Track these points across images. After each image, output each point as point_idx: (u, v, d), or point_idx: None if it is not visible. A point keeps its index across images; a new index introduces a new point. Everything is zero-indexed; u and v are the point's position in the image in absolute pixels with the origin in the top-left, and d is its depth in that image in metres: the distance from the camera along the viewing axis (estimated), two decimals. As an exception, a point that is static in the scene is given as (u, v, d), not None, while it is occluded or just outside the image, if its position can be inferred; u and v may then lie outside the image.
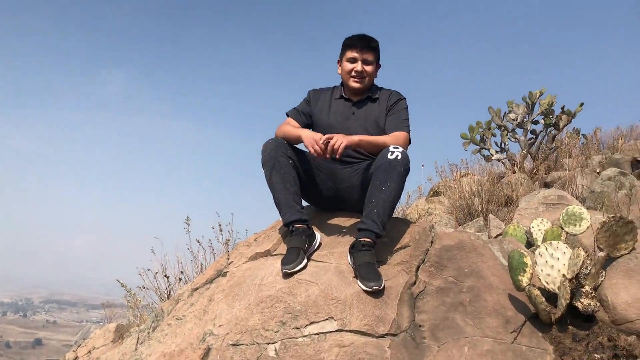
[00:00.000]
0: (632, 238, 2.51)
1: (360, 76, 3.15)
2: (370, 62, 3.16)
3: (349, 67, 3.15)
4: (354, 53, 3.14)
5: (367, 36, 3.17)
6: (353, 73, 3.15)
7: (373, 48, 3.17)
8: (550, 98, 7.91)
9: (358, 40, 3.15)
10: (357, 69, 3.13)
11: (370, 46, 3.15)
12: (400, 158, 2.76)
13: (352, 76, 3.16)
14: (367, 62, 3.15)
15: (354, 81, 3.16)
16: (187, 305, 2.98)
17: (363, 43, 3.14)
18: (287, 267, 2.69)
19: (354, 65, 3.14)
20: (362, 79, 3.16)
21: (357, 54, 3.14)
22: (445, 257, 2.84)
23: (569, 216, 3.12)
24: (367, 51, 3.14)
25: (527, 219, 4.30)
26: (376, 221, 2.71)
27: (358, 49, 3.14)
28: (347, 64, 3.17)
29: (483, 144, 8.39)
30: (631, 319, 2.34)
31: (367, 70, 3.15)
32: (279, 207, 2.91)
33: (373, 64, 3.18)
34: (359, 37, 3.16)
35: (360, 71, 3.14)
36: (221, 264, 3.22)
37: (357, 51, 3.14)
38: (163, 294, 4.50)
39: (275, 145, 2.94)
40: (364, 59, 3.14)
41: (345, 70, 3.17)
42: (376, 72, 3.25)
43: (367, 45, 3.14)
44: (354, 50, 3.14)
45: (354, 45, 3.14)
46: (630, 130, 9.71)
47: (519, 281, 2.44)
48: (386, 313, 2.45)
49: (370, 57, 3.16)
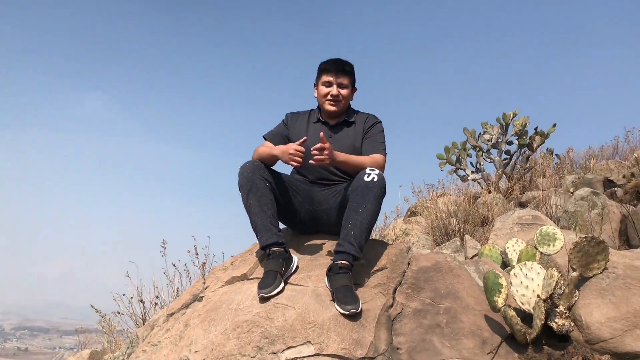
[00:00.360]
0: (604, 257, 2.55)
1: (335, 99, 3.19)
2: (345, 85, 3.21)
3: (325, 91, 3.20)
4: (329, 77, 3.19)
5: (342, 60, 3.22)
6: (329, 97, 3.19)
7: (347, 72, 3.22)
8: (524, 119, 8.07)
9: (333, 64, 3.20)
10: (332, 92, 3.18)
11: (344, 70, 3.20)
12: (377, 180, 2.78)
13: (328, 100, 3.20)
14: (342, 86, 3.20)
15: (329, 104, 3.20)
16: (163, 331, 2.93)
17: (338, 67, 3.19)
18: (264, 291, 2.67)
19: (329, 89, 3.19)
20: (338, 102, 3.20)
21: (332, 78, 3.18)
22: (422, 278, 2.85)
23: (542, 236, 3.16)
24: (341, 75, 3.19)
25: (503, 239, 4.34)
26: (353, 243, 2.72)
27: (333, 73, 3.19)
28: (322, 88, 3.21)
29: (459, 165, 8.49)
30: (605, 338, 2.36)
31: (342, 94, 3.20)
32: (256, 230, 2.90)
33: (348, 88, 3.23)
34: (334, 61, 3.21)
35: (336, 95, 3.18)
36: (197, 288, 3.19)
37: (332, 75, 3.19)
38: (138, 319, 4.42)
39: (252, 167, 2.94)
40: (339, 83, 3.19)
41: (321, 94, 3.22)
42: (352, 95, 3.30)
43: (342, 69, 3.19)
44: (329, 74, 3.19)
45: (329, 70, 3.19)
46: (601, 150, 9.94)
47: (495, 302, 2.46)
48: (364, 336, 2.44)
49: (345, 80, 3.21)
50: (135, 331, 3.44)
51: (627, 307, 2.41)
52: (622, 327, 2.36)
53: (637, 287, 2.47)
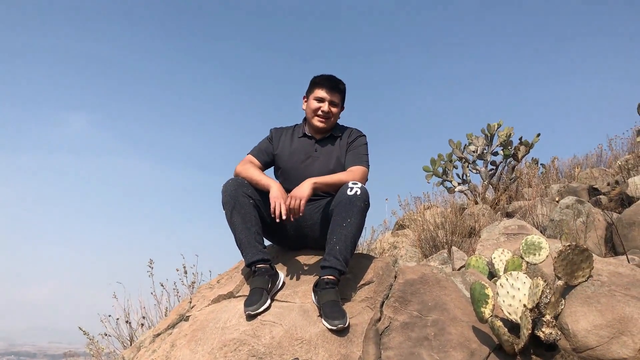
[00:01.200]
0: (589, 265, 2.56)
1: (326, 116, 3.17)
2: (337, 104, 3.20)
3: (316, 106, 3.16)
4: (322, 93, 3.16)
5: (336, 78, 3.21)
6: (319, 112, 3.16)
7: (341, 90, 3.21)
8: (508, 130, 8.14)
9: (328, 80, 3.17)
10: (323, 109, 3.15)
11: (338, 88, 3.19)
12: (360, 194, 2.78)
13: (318, 115, 3.17)
14: (333, 104, 3.18)
15: (319, 120, 3.18)
16: (149, 352, 2.89)
17: (332, 84, 3.17)
18: (250, 308, 2.64)
19: (320, 105, 3.16)
20: (328, 119, 3.19)
21: (326, 94, 3.16)
22: (409, 291, 2.85)
23: (528, 246, 3.17)
24: (335, 93, 3.18)
25: (489, 250, 4.36)
26: (339, 258, 2.71)
27: (327, 90, 3.16)
28: (314, 102, 3.18)
29: (445, 176, 8.54)
30: (592, 346, 2.37)
31: (332, 112, 3.18)
32: (241, 247, 2.88)
33: (339, 106, 3.22)
34: (329, 77, 3.19)
35: (327, 112, 3.16)
36: (183, 307, 3.16)
37: (326, 91, 3.16)
38: (125, 341, 4.36)
39: (235, 185, 2.93)
40: (331, 100, 3.17)
41: (312, 108, 3.18)
42: (339, 114, 3.29)
43: (336, 87, 3.18)
44: (322, 89, 3.16)
45: (323, 85, 3.17)
46: (586, 158, 10.04)
47: (482, 313, 2.46)
48: (352, 351, 2.43)
49: (337, 99, 3.19)
50: (121, 353, 3.39)
51: (612, 314, 2.42)
52: (608, 334, 2.36)
53: (622, 294, 2.49)
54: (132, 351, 3.18)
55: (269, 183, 2.95)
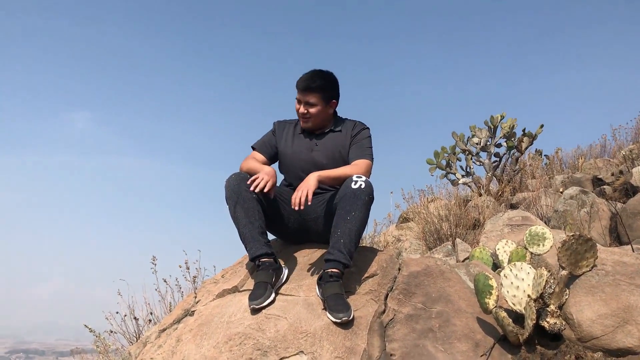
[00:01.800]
0: (593, 255, 2.56)
1: (304, 117, 3.16)
2: (313, 104, 3.11)
3: (296, 107, 3.17)
4: (298, 94, 3.14)
5: (312, 76, 3.11)
6: (299, 113, 3.17)
7: (314, 89, 3.09)
8: (511, 121, 8.11)
9: (301, 81, 3.11)
10: (300, 110, 3.14)
11: (310, 88, 3.09)
12: (364, 187, 2.78)
13: (299, 116, 3.18)
14: (309, 104, 3.12)
15: (302, 121, 3.20)
16: (155, 347, 2.91)
17: (304, 85, 3.10)
18: (255, 302, 2.65)
19: (298, 107, 3.15)
20: (307, 119, 3.16)
21: (300, 96, 3.13)
22: (413, 283, 2.85)
23: (532, 236, 3.17)
24: (307, 93, 3.10)
25: (493, 241, 4.35)
26: (343, 251, 2.71)
27: (300, 91, 3.12)
28: (295, 103, 3.18)
29: (449, 169, 8.52)
30: (597, 336, 2.37)
31: (310, 112, 3.13)
32: (245, 242, 2.88)
33: (317, 105, 3.12)
34: (305, 77, 3.12)
35: (304, 113, 3.13)
36: (188, 302, 3.17)
37: (299, 93, 3.13)
38: (132, 337, 4.38)
39: (238, 179, 2.93)
40: (306, 101, 3.11)
41: (296, 110, 3.19)
42: (328, 109, 3.20)
43: (308, 87, 3.09)
44: (298, 91, 3.14)
45: (298, 87, 3.13)
46: (590, 149, 10.00)
47: (486, 304, 2.46)
48: (357, 344, 2.44)
49: (313, 99, 3.10)
50: (128, 349, 3.41)
51: (617, 303, 2.41)
52: (613, 323, 2.36)
53: (627, 283, 2.48)
54: (138, 347, 3.19)
55: (263, 168, 3.00)
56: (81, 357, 5.42)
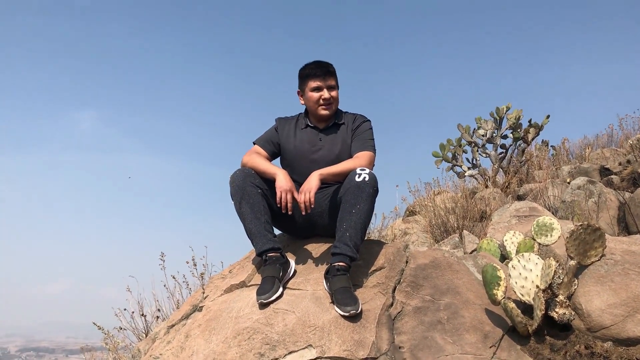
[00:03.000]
0: (601, 245, 2.55)
1: (328, 103, 3.14)
2: (334, 86, 3.16)
3: (316, 96, 3.13)
4: (317, 82, 3.12)
5: (323, 62, 3.17)
6: (321, 101, 3.12)
7: (333, 73, 3.17)
8: (517, 112, 8.07)
9: (318, 68, 3.13)
10: (324, 96, 3.12)
11: (329, 71, 3.14)
12: (368, 180, 2.77)
13: (321, 105, 3.14)
14: (331, 88, 3.15)
15: (323, 109, 3.15)
16: (164, 344, 2.92)
17: (323, 70, 3.13)
18: (263, 297, 2.66)
19: (320, 94, 3.12)
20: (330, 105, 3.15)
21: (321, 82, 3.12)
22: (421, 276, 2.84)
23: (540, 227, 3.16)
24: (329, 77, 3.14)
25: (501, 233, 4.34)
26: (349, 244, 2.71)
27: (320, 77, 3.12)
28: (312, 94, 3.14)
29: (455, 161, 8.50)
30: (606, 325, 2.36)
31: (333, 96, 3.15)
32: (251, 237, 2.89)
33: (336, 88, 3.19)
34: (317, 64, 3.15)
35: (328, 98, 3.12)
36: (196, 298, 3.17)
37: (320, 80, 3.12)
38: (141, 334, 4.40)
39: (243, 175, 2.93)
40: (329, 85, 3.13)
41: (313, 100, 3.14)
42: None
43: (327, 71, 3.14)
44: (316, 79, 3.12)
45: (315, 74, 3.12)
46: (596, 139, 9.94)
47: (494, 295, 2.45)
48: (365, 337, 2.43)
49: (333, 81, 3.16)
50: (137, 345, 3.42)
51: (626, 292, 2.40)
52: (623, 312, 2.35)
53: (636, 272, 2.47)
54: (147, 343, 3.21)
55: (275, 172, 2.94)
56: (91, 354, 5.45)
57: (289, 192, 2.83)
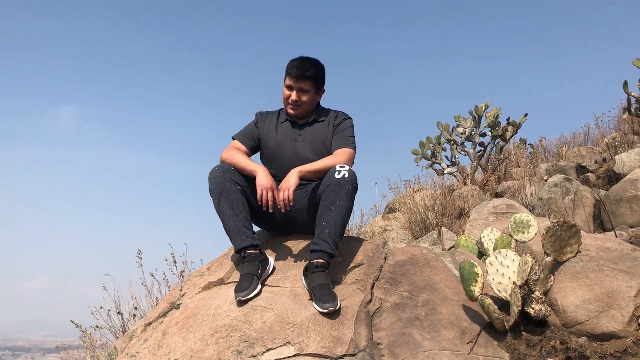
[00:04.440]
0: (577, 241, 2.58)
1: (294, 104, 3.12)
2: (306, 90, 3.10)
3: (286, 94, 3.12)
4: (290, 81, 3.09)
5: (306, 63, 3.09)
6: (289, 100, 3.12)
7: (309, 77, 3.07)
8: (495, 110, 8.15)
9: (295, 68, 3.07)
10: (292, 98, 3.10)
11: (305, 75, 3.06)
12: (348, 176, 2.76)
13: (289, 103, 3.13)
14: (302, 91, 3.09)
15: (290, 108, 3.14)
16: (141, 341, 2.88)
17: (299, 72, 3.06)
18: (241, 294, 2.64)
19: (289, 93, 3.10)
20: (297, 107, 3.12)
21: (293, 83, 3.08)
22: (399, 272, 2.85)
23: (516, 224, 3.18)
24: (302, 80, 3.07)
25: (478, 230, 4.37)
26: (328, 241, 2.70)
27: (294, 78, 3.07)
28: (284, 90, 3.13)
29: (434, 159, 8.55)
30: (581, 321, 2.39)
31: (302, 99, 3.10)
32: (229, 234, 2.86)
33: (309, 92, 3.11)
34: (298, 64, 3.08)
35: (295, 100, 3.10)
36: (174, 296, 3.14)
37: (293, 80, 3.08)
38: (118, 332, 4.35)
39: (221, 171, 2.90)
40: (299, 88, 3.08)
41: (284, 96, 3.14)
42: (317, 97, 3.21)
43: (302, 74, 3.06)
44: (290, 78, 3.09)
45: (290, 73, 3.08)
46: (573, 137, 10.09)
47: (472, 291, 2.47)
48: (343, 333, 2.43)
49: (307, 86, 3.09)
50: (113, 343, 3.38)
51: (600, 288, 2.43)
52: (597, 308, 2.38)
53: (610, 269, 2.50)
54: (123, 341, 3.17)
55: (255, 169, 2.92)
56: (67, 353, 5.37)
57: (269, 190, 2.82)
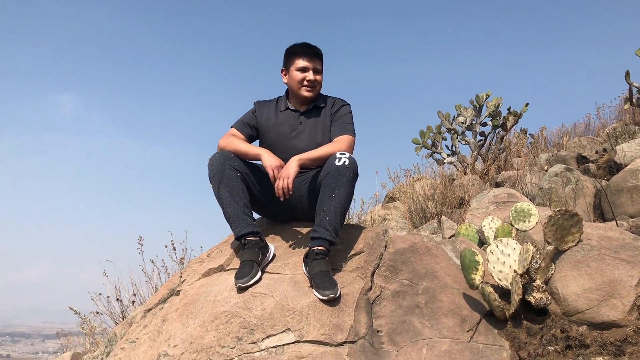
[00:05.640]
0: (578, 230, 2.57)
1: (312, 85, 3.11)
2: (320, 70, 3.14)
3: (300, 77, 3.09)
4: (304, 62, 3.08)
5: (311, 44, 3.13)
6: (305, 82, 3.09)
7: (320, 56, 3.15)
8: (497, 100, 8.12)
9: (307, 48, 3.10)
10: (309, 78, 3.08)
11: (318, 54, 3.13)
12: (348, 164, 2.75)
13: (305, 86, 3.10)
14: (317, 71, 3.12)
15: (306, 90, 3.11)
16: (141, 327, 2.89)
17: (312, 51, 3.10)
18: (241, 281, 2.63)
19: (305, 75, 3.08)
20: (314, 88, 3.12)
21: (308, 63, 3.09)
22: (400, 260, 2.84)
23: (517, 213, 3.18)
24: (316, 59, 3.12)
25: (479, 219, 4.36)
26: (328, 229, 2.69)
27: (308, 58, 3.09)
28: (297, 73, 3.09)
29: (434, 148, 8.54)
30: (581, 310, 2.38)
31: (318, 79, 3.12)
32: (230, 221, 2.85)
33: (321, 73, 3.16)
34: (306, 45, 3.11)
35: (313, 80, 3.09)
36: (174, 282, 3.14)
37: (307, 60, 3.09)
38: (118, 318, 4.36)
39: (221, 158, 2.88)
40: (315, 68, 3.11)
41: (297, 80, 3.10)
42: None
43: (316, 53, 3.11)
44: (304, 58, 3.09)
45: (304, 54, 3.09)
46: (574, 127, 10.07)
47: (472, 279, 2.46)
48: (343, 320, 2.43)
49: (319, 65, 3.14)
50: (113, 329, 3.38)
51: (602, 277, 2.43)
52: (598, 297, 2.38)
53: (611, 258, 2.49)
54: (123, 327, 3.17)
55: (258, 152, 2.91)
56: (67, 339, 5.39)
57: (280, 168, 2.83)
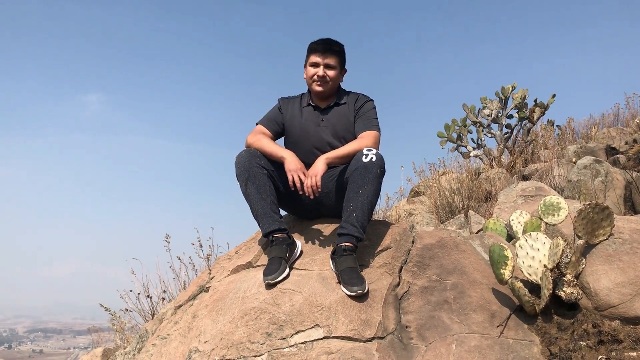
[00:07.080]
0: (609, 224, 2.53)
1: (322, 80, 3.11)
2: (333, 66, 3.12)
3: (312, 72, 3.12)
4: (316, 57, 3.10)
5: (330, 40, 3.14)
6: (315, 77, 3.11)
7: (336, 52, 3.12)
8: (523, 92, 8.01)
9: (321, 44, 3.11)
10: (319, 73, 3.09)
11: (332, 50, 3.11)
12: (375, 160, 2.75)
13: (315, 80, 3.12)
14: (329, 67, 3.11)
15: (316, 85, 3.12)
16: (171, 324, 2.93)
17: (325, 47, 3.10)
18: (270, 277, 2.65)
19: (316, 70, 3.10)
20: (325, 83, 3.12)
21: (320, 59, 3.10)
22: (427, 256, 2.84)
23: (547, 207, 3.14)
24: (329, 55, 3.11)
25: (507, 213, 4.32)
26: (356, 225, 2.70)
27: (320, 53, 3.10)
28: (309, 69, 3.13)
29: (460, 142, 8.46)
30: (614, 304, 2.35)
31: (329, 75, 3.11)
32: (257, 218, 2.88)
33: (336, 69, 3.14)
34: (322, 41, 3.13)
35: (322, 76, 3.09)
36: (203, 279, 3.18)
37: (319, 55, 3.10)
38: (147, 315, 4.43)
39: (248, 156, 2.91)
40: (326, 64, 3.10)
41: (309, 75, 3.14)
42: (341, 76, 3.22)
43: (329, 49, 3.11)
44: (316, 54, 3.11)
45: (317, 50, 3.11)
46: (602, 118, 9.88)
47: (501, 275, 2.45)
48: (372, 316, 2.44)
49: (333, 61, 3.11)
50: (143, 326, 3.44)
51: (634, 271, 2.39)
52: (631, 291, 2.34)
53: (644, 251, 2.45)
54: (154, 323, 3.23)
55: (283, 154, 2.93)
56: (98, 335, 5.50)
57: (299, 172, 2.83)
